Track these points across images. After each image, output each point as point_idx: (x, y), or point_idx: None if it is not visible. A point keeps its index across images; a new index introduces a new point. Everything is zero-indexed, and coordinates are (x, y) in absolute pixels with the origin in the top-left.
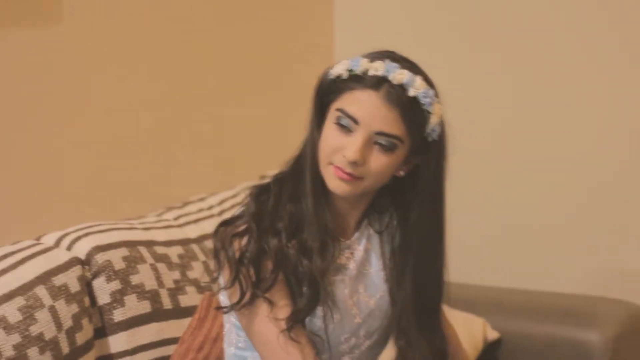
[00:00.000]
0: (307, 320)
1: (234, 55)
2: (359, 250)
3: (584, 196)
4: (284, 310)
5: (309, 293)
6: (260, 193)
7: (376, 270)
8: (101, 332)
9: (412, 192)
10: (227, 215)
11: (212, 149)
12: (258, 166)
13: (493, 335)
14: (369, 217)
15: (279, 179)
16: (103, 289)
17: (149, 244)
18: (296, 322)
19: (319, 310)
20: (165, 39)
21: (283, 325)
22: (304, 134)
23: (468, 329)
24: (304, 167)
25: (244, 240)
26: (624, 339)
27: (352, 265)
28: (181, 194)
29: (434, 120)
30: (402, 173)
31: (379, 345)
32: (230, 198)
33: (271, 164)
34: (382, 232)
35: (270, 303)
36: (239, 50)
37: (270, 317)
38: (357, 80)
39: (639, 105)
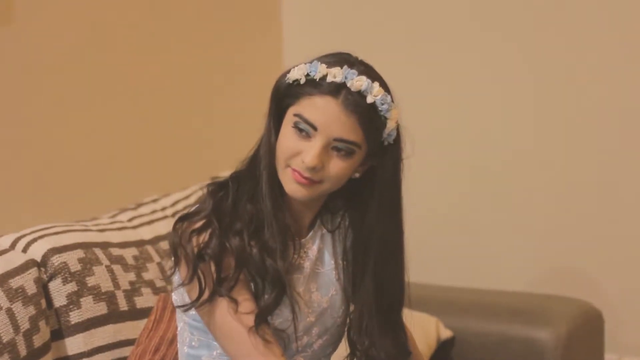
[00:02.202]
0: (269, 317)
1: (184, 58)
2: (313, 250)
3: (534, 196)
4: (244, 304)
5: (274, 291)
6: (217, 190)
7: (328, 270)
8: (58, 334)
9: (369, 194)
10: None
11: (164, 150)
12: (210, 167)
13: (446, 334)
14: (322, 217)
15: (236, 177)
16: (59, 291)
17: (104, 245)
18: (262, 320)
19: (280, 309)
20: (117, 40)
21: (247, 320)
22: (259, 135)
23: (422, 327)
24: (260, 169)
25: (203, 236)
26: (575, 336)
27: (306, 264)
28: (133, 195)
29: (390, 125)
30: (357, 175)
31: (331, 345)
32: (183, 199)
33: (223, 165)
34: (334, 231)
35: (232, 300)
36: (190, 52)
37: (233, 313)
38: (314, 85)
39: (588, 97)
